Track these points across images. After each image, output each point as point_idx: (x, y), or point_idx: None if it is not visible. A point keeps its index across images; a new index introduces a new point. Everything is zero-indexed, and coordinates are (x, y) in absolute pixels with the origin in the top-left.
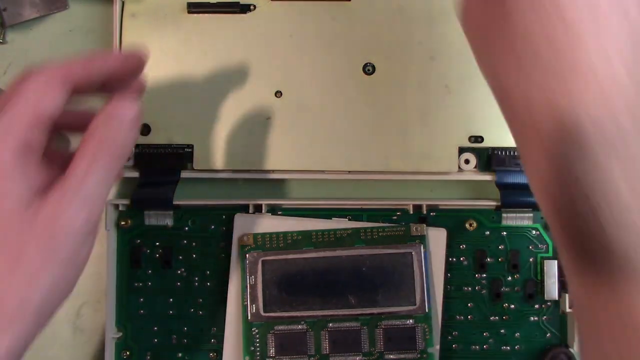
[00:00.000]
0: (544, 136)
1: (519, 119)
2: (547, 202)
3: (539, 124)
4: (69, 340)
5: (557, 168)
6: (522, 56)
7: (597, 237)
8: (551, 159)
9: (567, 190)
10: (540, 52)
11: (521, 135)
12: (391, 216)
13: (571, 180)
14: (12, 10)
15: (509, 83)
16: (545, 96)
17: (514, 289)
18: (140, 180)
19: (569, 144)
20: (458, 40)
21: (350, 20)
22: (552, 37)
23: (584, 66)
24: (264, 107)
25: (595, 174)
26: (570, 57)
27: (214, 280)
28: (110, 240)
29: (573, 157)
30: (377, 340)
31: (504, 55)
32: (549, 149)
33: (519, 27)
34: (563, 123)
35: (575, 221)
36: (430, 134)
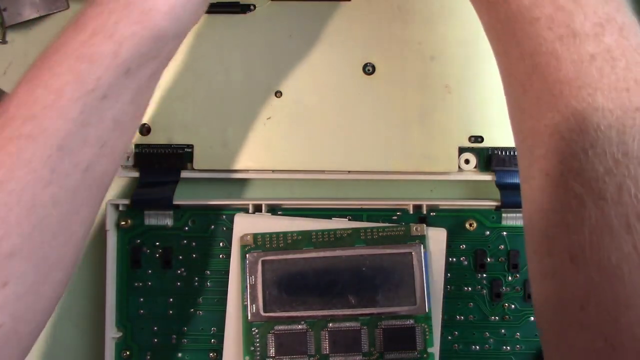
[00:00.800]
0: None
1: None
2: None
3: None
4: (69, 340)
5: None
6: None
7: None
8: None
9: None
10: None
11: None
12: (391, 216)
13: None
14: (12, 10)
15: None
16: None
17: (514, 289)
18: (140, 180)
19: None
20: (458, 40)
21: (350, 20)
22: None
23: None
24: (264, 107)
25: None
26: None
27: (214, 280)
28: (110, 240)
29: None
30: (377, 340)
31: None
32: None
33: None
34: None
35: None
36: (430, 134)
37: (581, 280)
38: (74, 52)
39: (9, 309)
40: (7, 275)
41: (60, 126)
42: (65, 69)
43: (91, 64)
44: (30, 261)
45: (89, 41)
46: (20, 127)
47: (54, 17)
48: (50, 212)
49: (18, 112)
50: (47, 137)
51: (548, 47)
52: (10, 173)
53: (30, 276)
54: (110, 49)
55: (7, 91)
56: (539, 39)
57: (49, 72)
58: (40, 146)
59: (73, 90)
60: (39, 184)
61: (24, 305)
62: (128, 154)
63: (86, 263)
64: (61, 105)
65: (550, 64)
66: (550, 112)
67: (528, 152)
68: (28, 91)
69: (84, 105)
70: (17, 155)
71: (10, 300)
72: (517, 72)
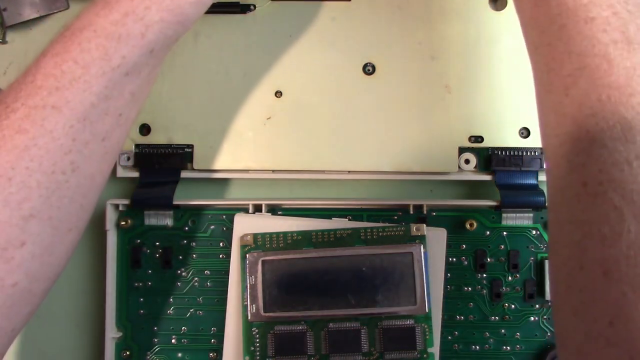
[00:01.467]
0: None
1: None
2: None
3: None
4: (69, 340)
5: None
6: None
7: None
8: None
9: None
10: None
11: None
12: (391, 216)
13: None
14: (12, 10)
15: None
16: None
17: (514, 289)
18: (140, 180)
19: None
20: (458, 40)
21: (350, 20)
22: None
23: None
24: (264, 107)
25: None
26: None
27: (214, 280)
28: (110, 240)
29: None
30: (377, 340)
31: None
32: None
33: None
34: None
35: None
36: (430, 134)
37: (613, 296)
38: (104, 30)
39: (24, 268)
40: (25, 235)
41: (85, 99)
42: (94, 45)
43: (119, 43)
44: (48, 223)
45: (120, 21)
46: (46, 97)
47: (54, 17)
48: (69, 178)
49: (45, 82)
50: (71, 108)
51: (601, 49)
52: (34, 140)
53: (46, 237)
54: (138, 31)
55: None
56: (592, 39)
57: (78, 47)
58: (63, 116)
59: (100, 66)
60: (59, 152)
61: (39, 264)
62: (128, 154)
63: (86, 263)
64: (87, 79)
65: (601, 67)
66: (594, 118)
67: (564, 159)
68: (56, 64)
69: (108, 81)
70: (41, 124)
71: (26, 260)
72: (560, 70)
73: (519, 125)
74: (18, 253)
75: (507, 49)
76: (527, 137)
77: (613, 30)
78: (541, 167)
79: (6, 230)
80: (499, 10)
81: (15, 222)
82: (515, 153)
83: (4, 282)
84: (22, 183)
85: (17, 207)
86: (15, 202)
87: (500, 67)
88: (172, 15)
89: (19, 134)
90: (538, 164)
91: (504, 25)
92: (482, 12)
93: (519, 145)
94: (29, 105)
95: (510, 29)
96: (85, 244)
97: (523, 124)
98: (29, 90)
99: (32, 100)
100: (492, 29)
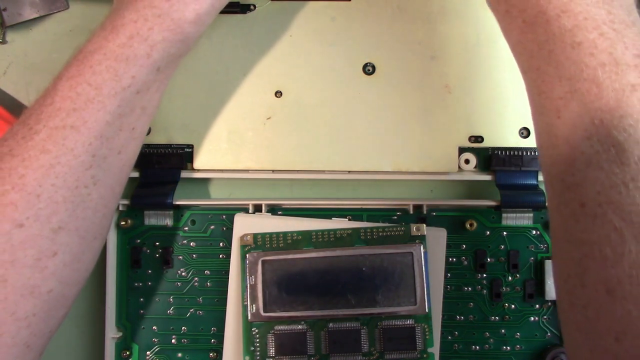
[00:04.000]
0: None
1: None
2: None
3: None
4: (69, 340)
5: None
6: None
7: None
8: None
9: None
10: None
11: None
12: (391, 216)
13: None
14: (12, 10)
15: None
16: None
17: (514, 289)
18: (140, 180)
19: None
20: (458, 40)
21: (350, 20)
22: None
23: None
24: (264, 107)
25: None
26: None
27: (214, 280)
28: (110, 240)
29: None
30: (377, 340)
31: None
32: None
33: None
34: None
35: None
36: (430, 134)
37: (618, 313)
38: (112, 53)
39: (57, 276)
40: (56, 246)
41: (100, 118)
42: (105, 67)
43: (127, 64)
44: (75, 234)
45: (126, 44)
46: (65, 119)
47: (54, 17)
48: (91, 191)
49: (63, 104)
50: (88, 127)
51: (590, 73)
52: (57, 159)
53: (75, 246)
54: (144, 51)
55: (7, 91)
56: (580, 64)
57: (90, 70)
58: (82, 135)
59: (111, 87)
60: (81, 167)
61: (70, 271)
62: None
63: None
64: (101, 99)
65: (591, 91)
66: (589, 141)
67: (557, 178)
68: (71, 87)
69: (121, 100)
70: (62, 143)
71: (58, 268)
72: (551, 94)
73: (519, 125)
74: (51, 262)
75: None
76: (527, 137)
77: (600, 52)
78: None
79: (38, 243)
80: None
81: (46, 234)
82: (515, 153)
83: (41, 290)
84: (50, 199)
85: (46, 220)
86: (44, 217)
87: (500, 67)
88: (174, 34)
89: (43, 154)
90: (538, 164)
91: None
92: (482, 12)
93: (519, 145)
94: (50, 126)
95: None
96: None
97: (523, 124)
98: (49, 112)
99: (52, 122)
100: (492, 29)
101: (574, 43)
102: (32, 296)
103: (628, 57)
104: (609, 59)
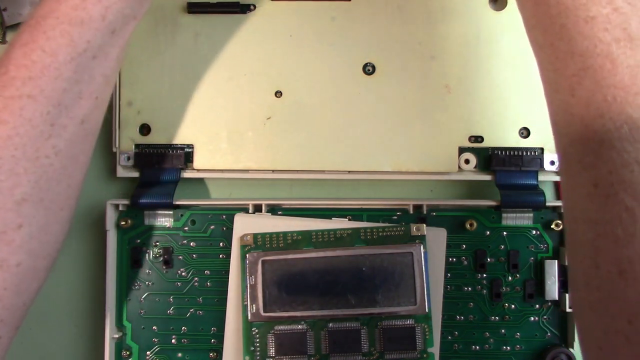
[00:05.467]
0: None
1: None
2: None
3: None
4: (69, 340)
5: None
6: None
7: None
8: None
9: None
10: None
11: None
12: (391, 216)
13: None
14: (12, 10)
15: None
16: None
17: (514, 289)
18: (140, 180)
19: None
20: (458, 40)
21: (350, 20)
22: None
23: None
24: (264, 107)
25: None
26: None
27: (214, 280)
28: (110, 240)
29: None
30: (377, 340)
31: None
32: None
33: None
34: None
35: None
36: (430, 134)
37: (630, 295)
38: (66, 16)
39: (25, 248)
40: (21, 218)
41: (57, 85)
42: (59, 32)
43: (82, 27)
44: (40, 205)
45: (80, 5)
46: (21, 88)
47: None
48: (53, 161)
49: (18, 73)
50: (45, 95)
51: (603, 49)
52: (15, 130)
53: (41, 218)
54: (99, 13)
55: None
56: (594, 39)
57: (44, 36)
58: (39, 104)
59: (67, 53)
60: (40, 138)
61: (38, 243)
62: (128, 154)
63: (86, 263)
64: (57, 66)
65: (605, 67)
66: (602, 119)
67: (574, 159)
68: (25, 54)
69: (77, 66)
70: (19, 114)
71: (25, 241)
72: (565, 71)
73: (519, 125)
74: (17, 235)
75: (507, 48)
76: (527, 137)
77: (614, 28)
78: (541, 167)
79: (2, 216)
80: (499, 10)
81: (10, 207)
82: (515, 153)
83: (9, 263)
84: (11, 171)
85: (9, 193)
86: (7, 189)
87: (500, 67)
88: None
89: (0, 125)
90: (538, 164)
91: (504, 25)
92: (482, 12)
93: (519, 145)
94: (5, 96)
95: (510, 29)
96: (85, 244)
97: (523, 124)
98: (3, 81)
99: (7, 92)
100: (492, 29)
101: (587, 17)
102: (0, 270)
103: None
104: (623, 35)
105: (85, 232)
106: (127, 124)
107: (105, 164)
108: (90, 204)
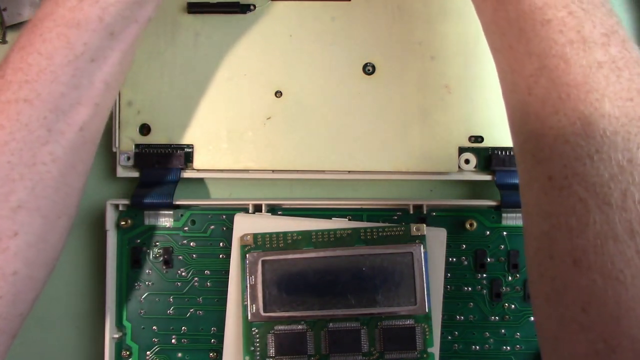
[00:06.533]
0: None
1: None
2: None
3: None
4: (69, 340)
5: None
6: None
7: None
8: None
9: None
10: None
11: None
12: (391, 216)
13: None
14: (12, 10)
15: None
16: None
17: (514, 289)
18: (140, 180)
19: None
20: (458, 40)
21: (350, 20)
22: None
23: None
24: (264, 107)
25: None
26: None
27: (214, 281)
28: (110, 240)
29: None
30: (376, 340)
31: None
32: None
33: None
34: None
35: None
36: (430, 134)
37: (583, 283)
38: (62, 18)
39: (21, 257)
40: (17, 226)
41: (54, 89)
42: (55, 34)
43: (79, 29)
44: (37, 213)
45: (77, 7)
46: (17, 92)
47: None
48: (50, 168)
49: (14, 77)
50: (41, 100)
51: (558, 50)
52: (11, 135)
53: (37, 226)
54: (96, 14)
55: None
56: (549, 41)
57: (40, 38)
58: (36, 108)
59: (64, 55)
60: (37, 143)
61: (35, 252)
62: (128, 154)
63: (86, 263)
64: (53, 69)
65: (559, 67)
66: (556, 115)
67: (529, 154)
68: (22, 57)
69: (75, 69)
70: (16, 118)
71: (22, 249)
72: (522, 71)
73: None
74: (13, 243)
75: None
76: None
77: (569, 30)
78: None
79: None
80: None
81: (5, 214)
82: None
83: (5, 272)
84: (6, 177)
85: (4, 199)
86: (2, 195)
87: None
88: None
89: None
90: None
91: None
92: None
93: None
94: (2, 100)
95: None
96: (85, 244)
97: None
98: (0, 85)
99: (4, 96)
100: None
101: (543, 20)
102: None
103: (596, 35)
104: (577, 37)
105: (85, 232)
106: (127, 124)
107: (105, 164)
108: (90, 204)
